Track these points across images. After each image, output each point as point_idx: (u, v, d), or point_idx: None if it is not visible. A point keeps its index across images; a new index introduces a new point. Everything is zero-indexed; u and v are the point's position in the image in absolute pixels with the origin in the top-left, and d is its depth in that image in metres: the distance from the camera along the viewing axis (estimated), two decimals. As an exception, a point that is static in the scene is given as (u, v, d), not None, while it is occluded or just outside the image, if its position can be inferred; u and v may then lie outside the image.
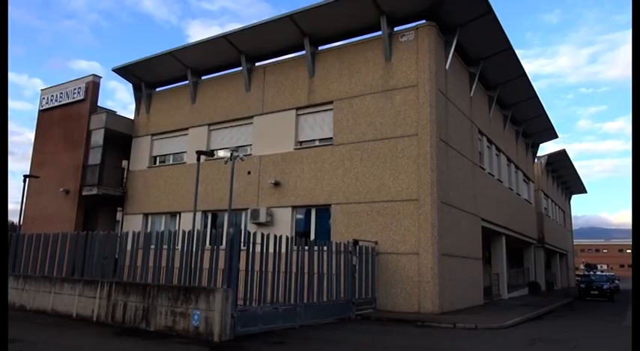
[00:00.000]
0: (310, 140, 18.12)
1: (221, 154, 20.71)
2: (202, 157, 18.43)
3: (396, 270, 15.10)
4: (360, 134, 16.73)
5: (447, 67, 17.19)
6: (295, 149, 18.18)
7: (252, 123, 19.64)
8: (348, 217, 16.35)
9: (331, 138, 17.46)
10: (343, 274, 13.52)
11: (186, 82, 21.96)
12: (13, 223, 35.29)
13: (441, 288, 14.81)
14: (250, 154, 19.08)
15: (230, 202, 16.29)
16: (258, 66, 20.07)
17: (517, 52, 19.92)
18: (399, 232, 15.33)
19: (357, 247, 14.36)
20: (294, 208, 17.69)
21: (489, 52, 19.23)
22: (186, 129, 21.71)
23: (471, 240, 18.46)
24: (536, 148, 32.08)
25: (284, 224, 17.56)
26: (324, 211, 17.16)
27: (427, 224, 14.96)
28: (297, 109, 18.45)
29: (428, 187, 15.17)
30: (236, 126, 20.18)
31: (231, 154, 16.42)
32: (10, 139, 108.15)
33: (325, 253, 13.03)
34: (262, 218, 17.65)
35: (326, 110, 17.82)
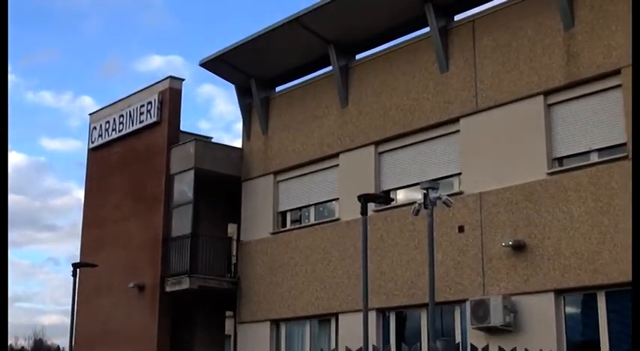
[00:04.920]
0: (579, 153, 17.70)
1: (401, 197, 20.78)
2: (370, 207, 18.64)
3: None
4: (688, 131, 15.56)
5: None
6: (550, 174, 17.73)
7: (457, 131, 19.71)
8: (679, 307, 15.09)
9: (624, 144, 16.63)
10: None
11: (329, 68, 22.86)
12: (58, 347, 39.54)
13: None
14: (461, 193, 19.05)
15: (432, 290, 16.05)
16: (458, 21, 20.29)
17: None
18: None
19: None
20: (558, 293, 17.15)
21: None
22: (335, 156, 22.50)
23: None
24: None
25: (540, 327, 17.06)
26: (621, 297, 16.22)
27: None
28: (546, 93, 18.11)
29: None
30: (426, 140, 20.45)
31: (425, 195, 16.31)
32: (51, 201, 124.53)
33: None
34: (496, 318, 17.29)
35: (605, 90, 17.29)
